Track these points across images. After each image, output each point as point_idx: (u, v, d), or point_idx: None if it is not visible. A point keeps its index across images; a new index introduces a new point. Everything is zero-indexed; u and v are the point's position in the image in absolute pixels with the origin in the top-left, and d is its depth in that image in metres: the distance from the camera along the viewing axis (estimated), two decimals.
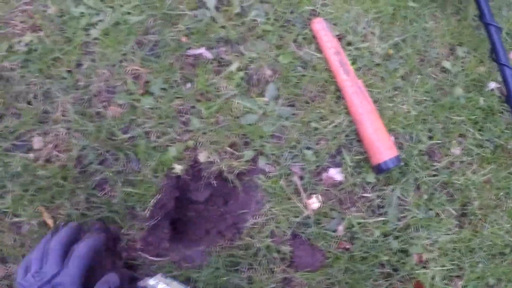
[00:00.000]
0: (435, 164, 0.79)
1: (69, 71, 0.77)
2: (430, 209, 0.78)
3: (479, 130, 0.82)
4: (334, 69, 0.78)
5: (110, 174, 0.74)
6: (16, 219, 0.74)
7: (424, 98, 0.80)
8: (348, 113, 0.78)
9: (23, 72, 0.76)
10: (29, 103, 0.77)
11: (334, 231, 0.76)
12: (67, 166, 0.75)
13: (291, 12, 0.79)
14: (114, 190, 0.75)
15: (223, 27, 0.78)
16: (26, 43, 0.77)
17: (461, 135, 0.81)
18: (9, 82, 0.77)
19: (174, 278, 0.70)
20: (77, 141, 0.75)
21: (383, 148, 0.75)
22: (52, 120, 0.76)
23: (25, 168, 0.74)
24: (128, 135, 0.75)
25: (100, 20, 0.78)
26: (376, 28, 0.80)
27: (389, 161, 0.74)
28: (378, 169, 0.75)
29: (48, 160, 0.76)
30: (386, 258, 0.76)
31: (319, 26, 0.78)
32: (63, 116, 0.76)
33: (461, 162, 0.80)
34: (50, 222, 0.74)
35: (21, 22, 0.78)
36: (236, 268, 0.75)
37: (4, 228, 0.74)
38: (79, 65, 0.77)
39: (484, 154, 0.81)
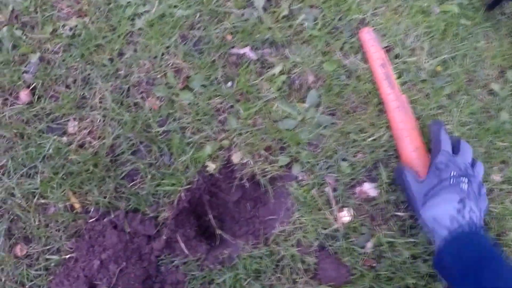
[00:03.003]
0: None
1: (110, 59, 0.76)
2: None
3: None
4: (378, 81, 0.76)
5: (142, 165, 0.74)
6: (43, 201, 0.74)
7: (469, 119, 0.77)
8: (388, 127, 0.76)
9: (65, 56, 0.76)
10: (67, 87, 0.76)
11: (362, 247, 0.74)
12: (99, 153, 0.74)
13: (340, 19, 0.78)
14: (143, 182, 0.74)
15: (269, 28, 0.77)
16: (71, 28, 0.77)
17: (503, 162, 0.78)
18: (50, 65, 0.76)
19: None
20: (112, 130, 0.74)
21: (421, 168, 0.72)
22: (89, 106, 0.75)
23: (58, 151, 0.74)
24: (164, 129, 0.74)
25: (146, 11, 0.77)
26: (425, 43, 0.78)
27: None
28: None
29: (81, 146, 0.75)
30: (413, 281, 0.74)
31: (368, 36, 0.76)
32: (100, 103, 0.75)
33: (501, 190, 0.77)
34: (77, 206, 0.73)
35: (68, 6, 0.78)
36: (258, 274, 0.73)
37: (30, 208, 0.74)
38: (121, 54, 0.77)
39: None
